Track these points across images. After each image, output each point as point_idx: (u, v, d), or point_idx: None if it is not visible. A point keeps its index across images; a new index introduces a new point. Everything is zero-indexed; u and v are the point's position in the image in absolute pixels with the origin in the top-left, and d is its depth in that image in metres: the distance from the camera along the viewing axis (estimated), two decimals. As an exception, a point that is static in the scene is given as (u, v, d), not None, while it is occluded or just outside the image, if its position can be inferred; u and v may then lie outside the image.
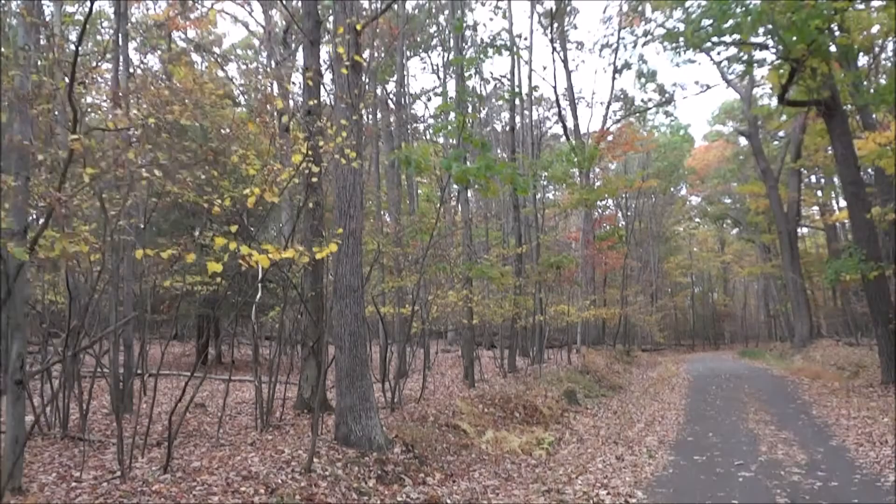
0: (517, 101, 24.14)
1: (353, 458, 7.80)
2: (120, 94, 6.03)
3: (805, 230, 44.40)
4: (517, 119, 28.34)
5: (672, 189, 49.06)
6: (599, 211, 46.39)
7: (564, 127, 32.52)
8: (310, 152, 6.67)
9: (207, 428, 11.16)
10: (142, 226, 10.70)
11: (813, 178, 40.05)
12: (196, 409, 13.18)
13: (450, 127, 13.25)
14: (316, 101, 10.54)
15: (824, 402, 13.62)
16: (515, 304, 18.59)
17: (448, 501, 7.30)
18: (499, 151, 31.57)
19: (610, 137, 33.92)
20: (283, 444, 8.08)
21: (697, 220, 56.41)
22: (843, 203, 38.30)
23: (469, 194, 23.28)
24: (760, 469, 7.80)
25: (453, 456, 9.34)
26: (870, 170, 21.45)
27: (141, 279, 13.84)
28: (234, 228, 6.04)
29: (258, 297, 10.47)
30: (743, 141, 42.67)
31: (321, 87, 12.72)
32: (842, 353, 25.06)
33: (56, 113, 5.92)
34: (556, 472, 8.38)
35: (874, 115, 19.35)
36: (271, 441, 8.74)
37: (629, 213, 44.17)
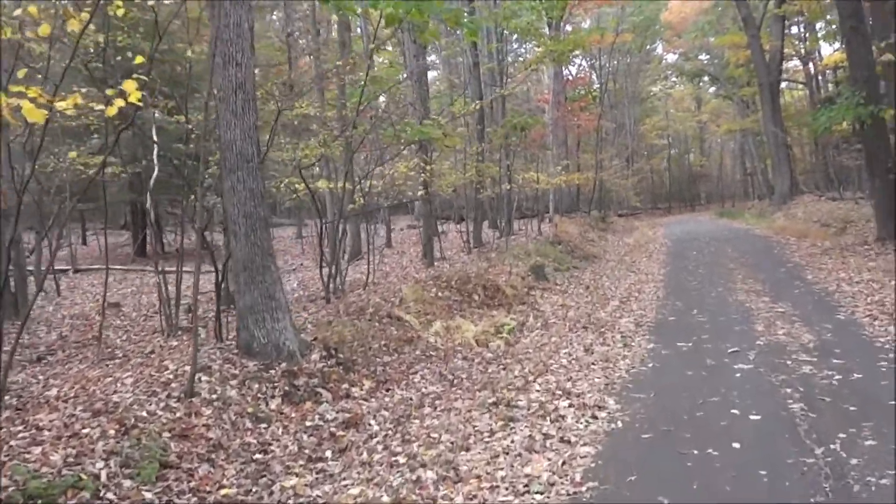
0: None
1: (253, 372, 6.24)
2: None
3: (783, 85, 42.36)
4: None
5: (648, 47, 46.47)
6: (571, 72, 43.91)
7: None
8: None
9: (112, 333, 9.63)
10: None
11: (794, 30, 37.57)
12: (110, 309, 11.58)
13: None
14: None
15: (818, 264, 12.23)
16: (478, 171, 16.82)
17: (372, 422, 5.81)
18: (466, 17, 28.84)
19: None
20: (172, 357, 6.50)
21: (674, 79, 53.93)
22: (828, 51, 36.29)
23: (435, 57, 21.10)
24: (760, 357, 6.34)
25: (392, 356, 7.85)
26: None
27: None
28: (22, 73, 4.13)
29: (154, 174, 8.63)
30: (722, -10, 40.01)
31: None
32: (825, 208, 23.78)
33: None
34: (511, 371, 6.90)
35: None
36: (172, 350, 7.18)
37: (603, 75, 41.69)
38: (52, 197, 12.93)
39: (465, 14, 10.67)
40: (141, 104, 4.25)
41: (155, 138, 8.78)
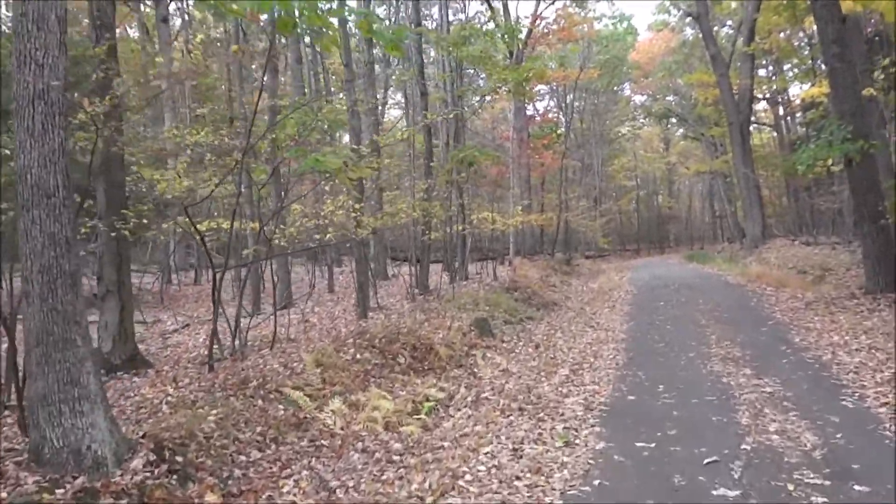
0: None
1: (30, 493, 4.29)
2: None
3: (751, 128, 41.77)
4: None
5: (616, 88, 45.79)
6: (538, 109, 42.87)
7: (492, 9, 28.36)
8: None
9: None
10: None
11: (762, 73, 36.77)
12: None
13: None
14: None
15: (804, 321, 10.55)
16: (423, 211, 15.08)
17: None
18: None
19: (544, 24, 30.03)
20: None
21: (642, 120, 53.26)
22: (797, 91, 35.51)
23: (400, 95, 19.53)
24: (749, 475, 4.50)
25: (267, 449, 5.92)
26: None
27: None
28: None
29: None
30: (689, 32, 39.41)
31: None
32: (799, 253, 22.38)
33: None
34: (411, 481, 5.03)
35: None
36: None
37: (569, 112, 40.53)
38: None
39: (385, 24, 8.97)
40: None
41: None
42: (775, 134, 39.82)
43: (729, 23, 35.92)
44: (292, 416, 6.77)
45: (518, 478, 4.79)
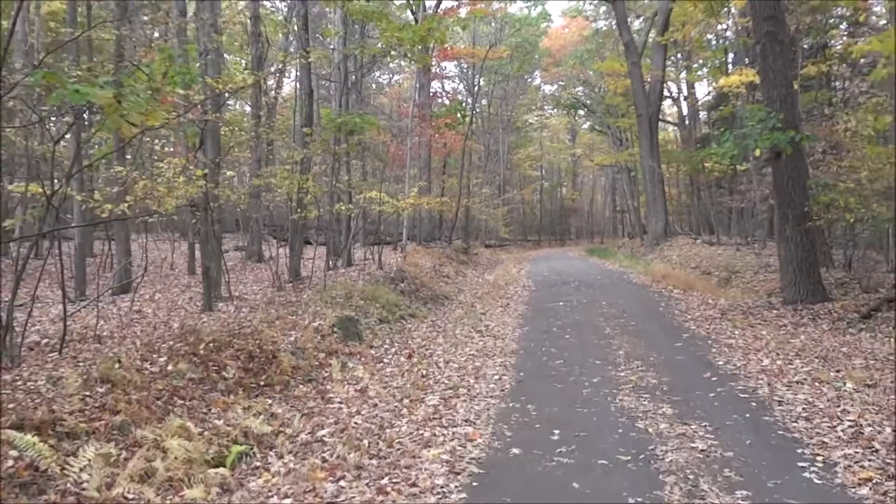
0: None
1: None
2: None
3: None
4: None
5: (526, 77, 44.63)
6: (444, 90, 41.17)
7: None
8: None
9: None
10: None
11: (671, 69, 36.14)
12: None
13: None
14: None
15: (723, 336, 8.98)
16: (298, 185, 12.92)
17: None
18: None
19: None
20: None
21: (551, 110, 52.55)
22: (703, 91, 35.03)
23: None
24: None
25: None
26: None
27: None
28: None
29: None
30: (602, 23, 38.77)
31: None
32: (702, 253, 21.50)
33: None
34: None
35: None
36: None
37: (476, 93, 38.87)
38: None
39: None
40: None
41: None
42: (679, 132, 39.53)
43: (640, 19, 35.39)
44: (25, 469, 4.55)
45: None
